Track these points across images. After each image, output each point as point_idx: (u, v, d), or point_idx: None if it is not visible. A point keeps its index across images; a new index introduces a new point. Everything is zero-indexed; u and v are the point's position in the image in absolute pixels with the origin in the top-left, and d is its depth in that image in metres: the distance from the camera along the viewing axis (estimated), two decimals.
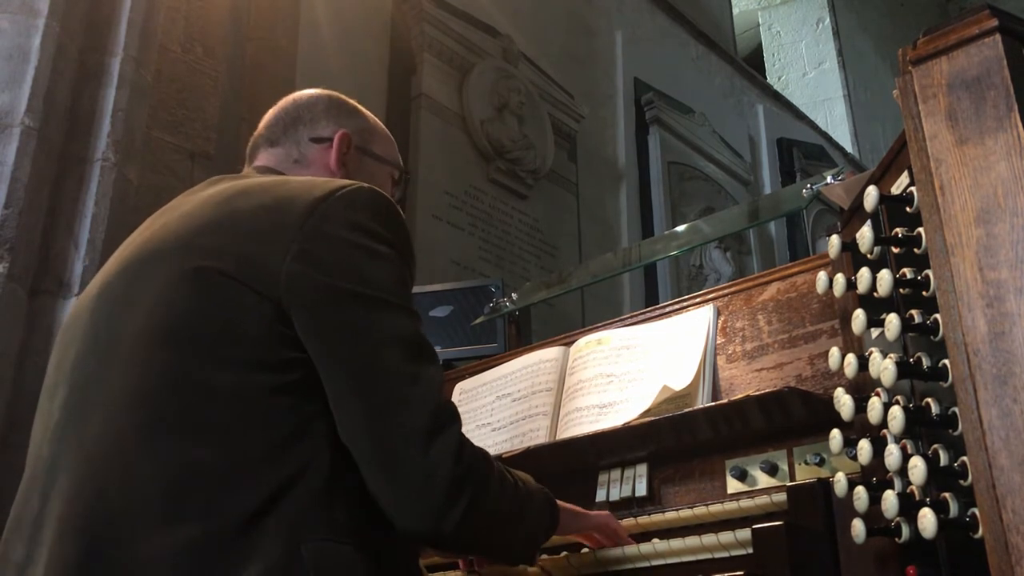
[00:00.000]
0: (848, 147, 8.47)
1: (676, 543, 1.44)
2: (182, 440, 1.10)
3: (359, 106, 1.60)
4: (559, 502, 1.38)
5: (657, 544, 1.47)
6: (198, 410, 1.11)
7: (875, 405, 1.24)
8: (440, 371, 1.24)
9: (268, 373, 1.14)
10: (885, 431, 1.22)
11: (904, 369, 1.17)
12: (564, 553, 1.57)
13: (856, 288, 1.32)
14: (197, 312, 1.16)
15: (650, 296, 5.51)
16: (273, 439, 1.11)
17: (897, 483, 1.20)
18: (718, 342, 1.80)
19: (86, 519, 1.08)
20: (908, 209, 1.23)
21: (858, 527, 1.23)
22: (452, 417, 1.19)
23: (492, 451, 1.91)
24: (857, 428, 1.34)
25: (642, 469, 1.72)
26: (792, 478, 1.54)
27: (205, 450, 1.09)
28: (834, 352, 1.38)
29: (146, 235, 1.32)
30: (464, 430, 1.20)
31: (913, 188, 1.21)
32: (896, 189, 1.30)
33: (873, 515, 1.22)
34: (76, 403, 1.20)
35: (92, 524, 1.07)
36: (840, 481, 1.30)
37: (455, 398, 2.14)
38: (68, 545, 1.07)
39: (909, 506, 1.15)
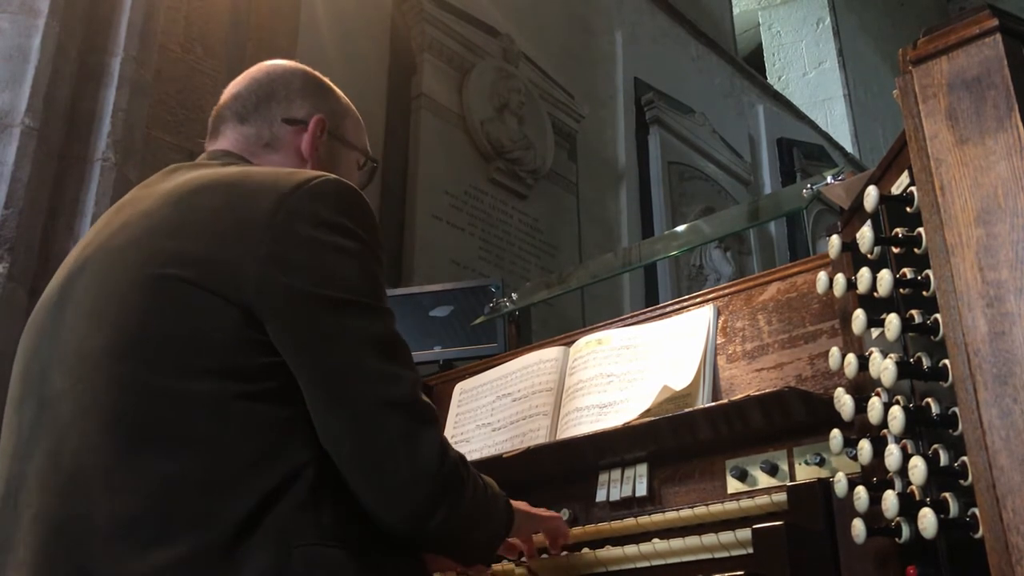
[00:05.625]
0: (848, 147, 8.46)
1: (676, 543, 1.44)
2: (163, 455, 1.07)
3: (331, 84, 1.55)
4: (512, 502, 1.38)
5: (657, 544, 1.47)
6: (176, 423, 1.08)
7: (875, 405, 1.24)
8: (417, 370, 1.23)
9: (243, 381, 1.11)
10: (885, 431, 1.23)
11: (904, 369, 1.17)
12: (564, 552, 1.57)
13: (856, 288, 1.32)
14: (163, 322, 1.13)
15: (650, 296, 5.50)
16: (255, 447, 1.09)
17: (897, 483, 1.20)
18: (718, 342, 1.80)
19: (68, 543, 1.05)
20: (908, 209, 1.23)
21: (858, 527, 1.23)
22: (433, 418, 1.19)
23: (492, 451, 1.92)
24: (857, 428, 1.34)
25: (642, 469, 1.72)
26: (792, 478, 1.54)
27: (188, 464, 1.06)
28: (834, 352, 1.38)
29: (105, 236, 1.27)
30: (464, 430, 1.20)
31: (913, 188, 1.21)
32: (896, 189, 1.29)
33: (873, 515, 1.22)
34: (47, 420, 1.15)
35: (75, 547, 1.04)
36: (840, 481, 1.30)
37: (455, 398, 2.14)
38: (48, 572, 1.04)
39: (909, 506, 1.15)
